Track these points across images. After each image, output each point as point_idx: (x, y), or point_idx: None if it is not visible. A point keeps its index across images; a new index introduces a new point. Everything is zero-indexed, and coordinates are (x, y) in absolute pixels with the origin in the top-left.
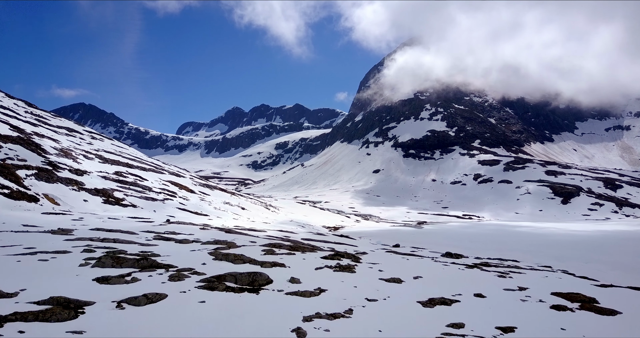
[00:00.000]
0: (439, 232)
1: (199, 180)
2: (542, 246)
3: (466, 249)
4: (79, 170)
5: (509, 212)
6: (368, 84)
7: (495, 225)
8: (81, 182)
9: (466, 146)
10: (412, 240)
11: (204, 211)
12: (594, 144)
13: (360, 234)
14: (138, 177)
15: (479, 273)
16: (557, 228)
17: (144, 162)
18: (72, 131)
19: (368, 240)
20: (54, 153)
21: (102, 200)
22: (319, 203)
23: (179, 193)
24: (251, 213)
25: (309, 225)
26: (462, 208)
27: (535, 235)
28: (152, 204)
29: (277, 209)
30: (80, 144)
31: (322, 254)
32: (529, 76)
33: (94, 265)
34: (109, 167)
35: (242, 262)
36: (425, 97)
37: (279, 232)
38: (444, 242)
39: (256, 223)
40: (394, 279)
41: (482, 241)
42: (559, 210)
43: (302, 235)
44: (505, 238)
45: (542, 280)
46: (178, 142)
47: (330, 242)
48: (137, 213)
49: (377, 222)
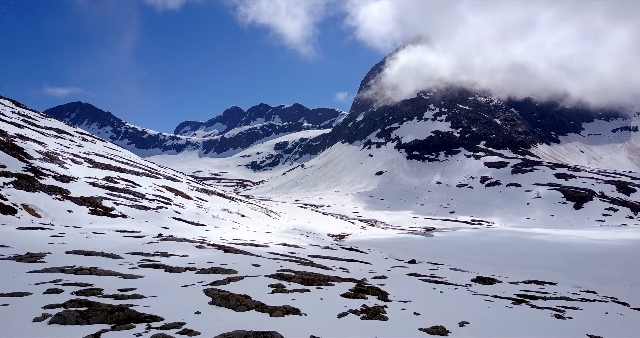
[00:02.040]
0: (452, 241)
1: (196, 184)
2: (571, 261)
3: (489, 265)
4: (64, 177)
5: (519, 217)
6: (369, 84)
7: (509, 232)
8: (66, 190)
9: (471, 147)
10: (425, 252)
11: (201, 220)
12: (601, 145)
13: (368, 244)
14: (130, 183)
15: (532, 313)
16: (576, 236)
17: (138, 166)
18: (61, 132)
19: (379, 252)
20: (38, 158)
21: (89, 211)
22: (321, 207)
23: (174, 200)
24: (251, 221)
25: (313, 233)
26: (470, 212)
27: (555, 244)
28: (145, 214)
29: (278, 215)
30: (70, 146)
31: (341, 289)
32: (537, 76)
33: (53, 321)
34: (98, 172)
35: (247, 307)
36: (429, 97)
37: (283, 247)
38: (461, 254)
39: (257, 233)
40: (437, 329)
41: (501, 253)
42: (572, 216)
43: (309, 250)
44: (525, 248)
45: (605, 320)
46: (176, 142)
47: (340, 258)
48: (127, 225)
49: (383, 229)
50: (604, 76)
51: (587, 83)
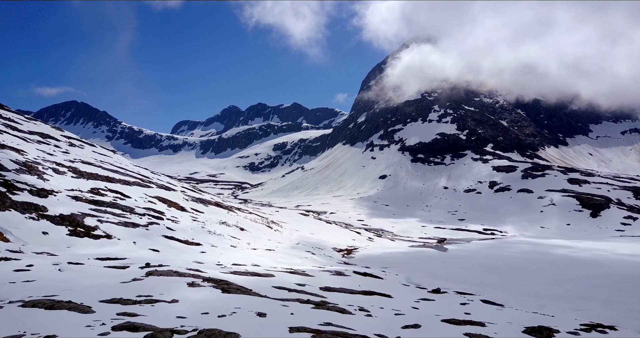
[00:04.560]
0: (469, 256)
1: (191, 192)
2: (616, 289)
3: (524, 296)
4: (43, 191)
5: (533, 225)
6: (370, 84)
7: (527, 244)
8: (43, 206)
9: (478, 150)
10: (445, 273)
11: (196, 238)
12: (610, 147)
13: (380, 261)
14: (119, 195)
15: None
16: (604, 250)
17: (129, 173)
18: (46, 137)
19: (395, 275)
20: (14, 169)
21: (68, 231)
22: (323, 214)
23: (168, 213)
24: (251, 235)
25: (319, 248)
26: (480, 220)
27: (585, 263)
28: (133, 232)
29: (280, 226)
30: (54, 153)
31: None
32: (548, 77)
33: None
34: (83, 183)
35: None
36: (434, 98)
37: (290, 276)
38: (487, 278)
39: (259, 253)
40: None
41: (531, 276)
42: (589, 225)
43: (320, 279)
44: (553, 268)
45: None
46: (173, 142)
47: (356, 291)
48: (111, 248)
49: (392, 240)
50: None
51: (600, 84)
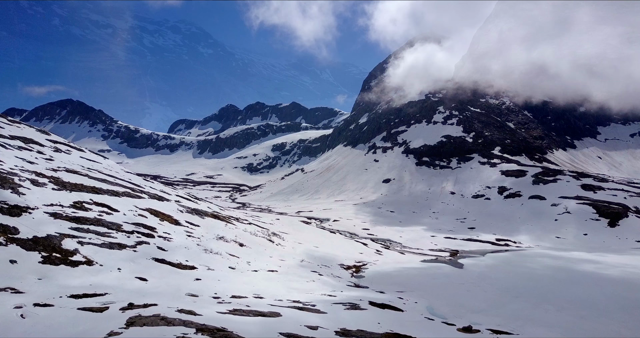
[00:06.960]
0: (489, 275)
1: (187, 202)
2: None
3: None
4: (15, 208)
5: (548, 235)
6: (372, 84)
7: (548, 258)
8: (14, 228)
9: (486, 154)
10: (468, 299)
11: (190, 260)
12: (619, 150)
13: (393, 281)
14: (105, 208)
15: None
16: (634, 267)
17: (118, 182)
18: (28, 142)
19: (414, 302)
20: None
21: (41, 258)
22: (326, 222)
23: (160, 229)
24: (251, 252)
25: (326, 266)
26: (491, 228)
27: (616, 283)
28: (119, 256)
29: (282, 239)
30: (35, 161)
31: None
32: (559, 78)
33: None
34: (65, 196)
35: None
36: (438, 98)
37: (298, 313)
38: (517, 306)
39: (260, 277)
40: None
41: (566, 305)
42: (608, 235)
43: (334, 319)
44: (585, 290)
45: None
46: (169, 142)
47: (379, 336)
48: (90, 278)
49: (401, 253)
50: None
51: (613, 86)
